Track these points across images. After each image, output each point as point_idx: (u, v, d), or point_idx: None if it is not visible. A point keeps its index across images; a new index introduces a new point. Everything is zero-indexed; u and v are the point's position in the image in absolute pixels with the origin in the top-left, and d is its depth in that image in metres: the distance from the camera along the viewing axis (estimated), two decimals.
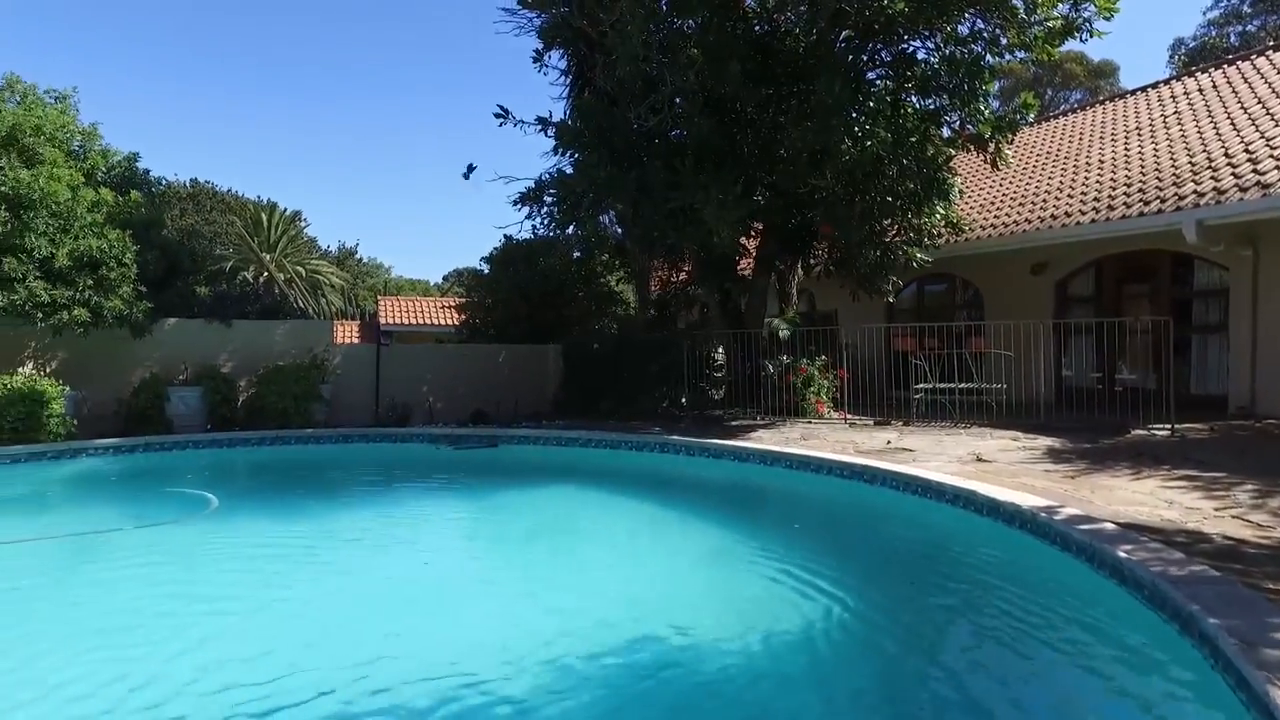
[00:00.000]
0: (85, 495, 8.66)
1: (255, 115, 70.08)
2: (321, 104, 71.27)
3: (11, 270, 10.29)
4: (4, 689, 3.38)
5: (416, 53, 69.17)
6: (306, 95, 70.12)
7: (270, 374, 12.21)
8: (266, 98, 69.28)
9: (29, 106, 11.80)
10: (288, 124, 71.75)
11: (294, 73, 67.52)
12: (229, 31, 61.75)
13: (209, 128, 68.27)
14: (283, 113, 71.11)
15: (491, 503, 8.21)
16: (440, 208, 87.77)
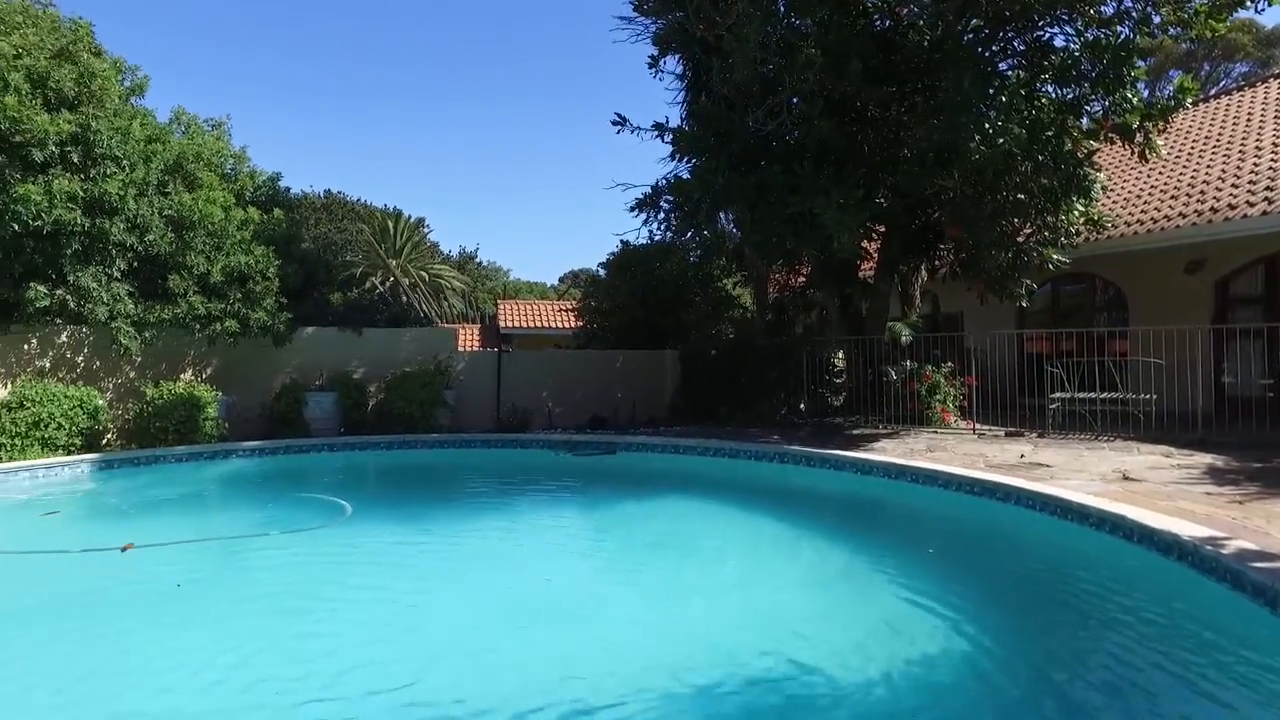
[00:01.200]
0: (235, 495, 9.27)
1: (383, 127, 73.65)
2: (443, 113, 74.14)
3: (175, 286, 11.18)
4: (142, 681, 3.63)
5: (535, 61, 70.90)
6: (430, 105, 73.11)
7: (398, 380, 12.76)
8: (394, 110, 72.67)
9: (191, 135, 12.80)
10: (413, 134, 75.06)
11: (418, 84, 70.53)
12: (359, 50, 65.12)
13: (341, 141, 72.27)
14: (408, 124, 74.43)
15: (610, 514, 8.24)
16: (556, 211, 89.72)
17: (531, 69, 72.21)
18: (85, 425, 10.46)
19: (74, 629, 4.53)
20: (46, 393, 10.30)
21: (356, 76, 68.00)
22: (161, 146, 11.46)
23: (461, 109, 74.63)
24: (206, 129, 13.52)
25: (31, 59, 10.02)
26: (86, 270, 10.45)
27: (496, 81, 72.39)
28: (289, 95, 67.99)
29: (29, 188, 9.61)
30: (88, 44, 11.12)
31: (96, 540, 6.59)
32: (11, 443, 9.93)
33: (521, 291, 48.60)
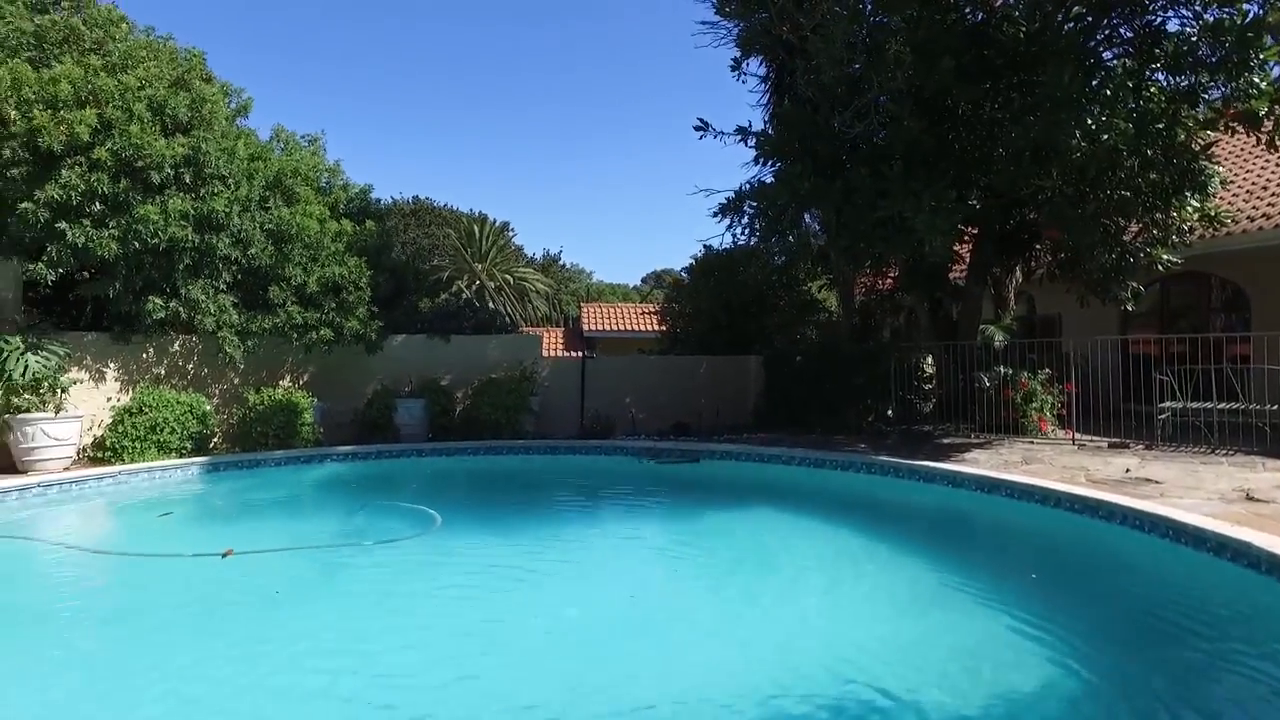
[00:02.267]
0: (330, 500, 9.56)
1: (470, 134, 75.45)
2: (528, 118, 75.43)
3: (275, 297, 11.70)
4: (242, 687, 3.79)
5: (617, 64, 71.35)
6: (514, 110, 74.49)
7: (484, 386, 13.01)
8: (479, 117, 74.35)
9: (290, 152, 13.38)
10: (498, 140, 76.65)
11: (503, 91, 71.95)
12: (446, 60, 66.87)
13: (429, 148, 74.39)
14: (494, 129, 76.02)
15: (693, 526, 8.17)
16: (639, 212, 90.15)
17: (614, 73, 72.73)
18: (195, 429, 11.06)
19: (184, 630, 4.76)
20: (161, 399, 10.94)
21: (444, 86, 69.88)
22: (263, 164, 12.00)
23: (545, 113, 75.78)
24: (303, 145, 14.11)
25: (152, 89, 10.64)
26: (196, 283, 11.03)
27: (578, 85, 73.21)
28: (380, 107, 70.47)
29: (148, 208, 10.21)
30: (200, 71, 11.75)
31: (205, 543, 6.93)
32: (132, 445, 10.58)
33: (604, 293, 48.99)
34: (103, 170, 10.00)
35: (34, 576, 6.30)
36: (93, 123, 9.90)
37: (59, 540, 7.05)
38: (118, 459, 10.50)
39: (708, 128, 12.11)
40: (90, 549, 6.54)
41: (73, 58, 10.65)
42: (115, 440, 10.62)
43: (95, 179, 9.92)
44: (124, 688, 3.96)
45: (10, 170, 9.66)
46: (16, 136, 9.66)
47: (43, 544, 6.99)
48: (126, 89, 10.38)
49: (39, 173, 9.80)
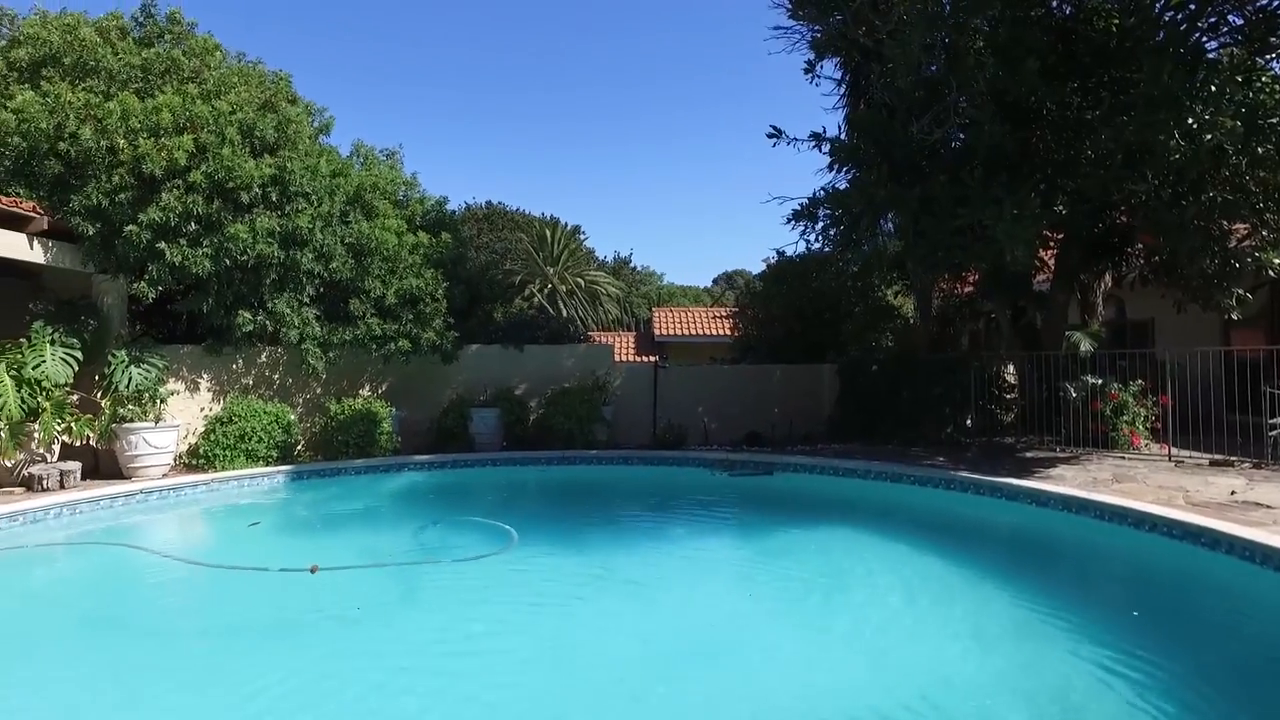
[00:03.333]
0: (408, 512, 9.79)
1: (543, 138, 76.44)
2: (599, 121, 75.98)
3: (355, 309, 12.06)
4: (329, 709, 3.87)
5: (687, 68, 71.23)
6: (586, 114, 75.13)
7: (557, 396, 13.13)
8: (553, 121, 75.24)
9: (369, 166, 13.79)
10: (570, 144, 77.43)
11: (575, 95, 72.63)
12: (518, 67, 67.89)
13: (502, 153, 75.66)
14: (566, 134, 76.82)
15: (767, 545, 8.05)
16: (709, 213, 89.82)
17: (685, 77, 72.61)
18: (280, 438, 11.47)
19: (273, 647, 4.93)
20: (250, 408, 11.39)
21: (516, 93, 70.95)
22: (344, 180, 12.38)
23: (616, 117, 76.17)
24: (382, 159, 14.52)
25: (242, 113, 11.11)
26: (281, 297, 11.46)
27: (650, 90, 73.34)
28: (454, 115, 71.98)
29: (238, 227, 10.67)
30: (286, 93, 12.22)
31: (291, 556, 7.18)
32: (223, 453, 11.05)
33: (675, 296, 48.92)
34: (198, 192, 10.49)
35: (134, 585, 6.63)
36: (189, 148, 10.39)
37: (157, 548, 7.38)
38: (210, 466, 10.99)
39: (781, 134, 11.93)
40: (186, 559, 6.82)
41: (173, 86, 11.21)
42: (208, 448, 11.12)
43: (191, 201, 10.41)
44: (217, 704, 4.11)
45: (119, 195, 10.23)
46: (124, 164, 10.22)
47: (143, 552, 7.35)
48: (220, 114, 10.86)
49: (142, 196, 10.34)
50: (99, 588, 6.66)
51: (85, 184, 10.24)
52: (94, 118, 10.30)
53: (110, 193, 10.21)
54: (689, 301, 47.66)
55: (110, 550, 7.59)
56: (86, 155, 10.20)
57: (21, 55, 11.20)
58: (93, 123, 10.26)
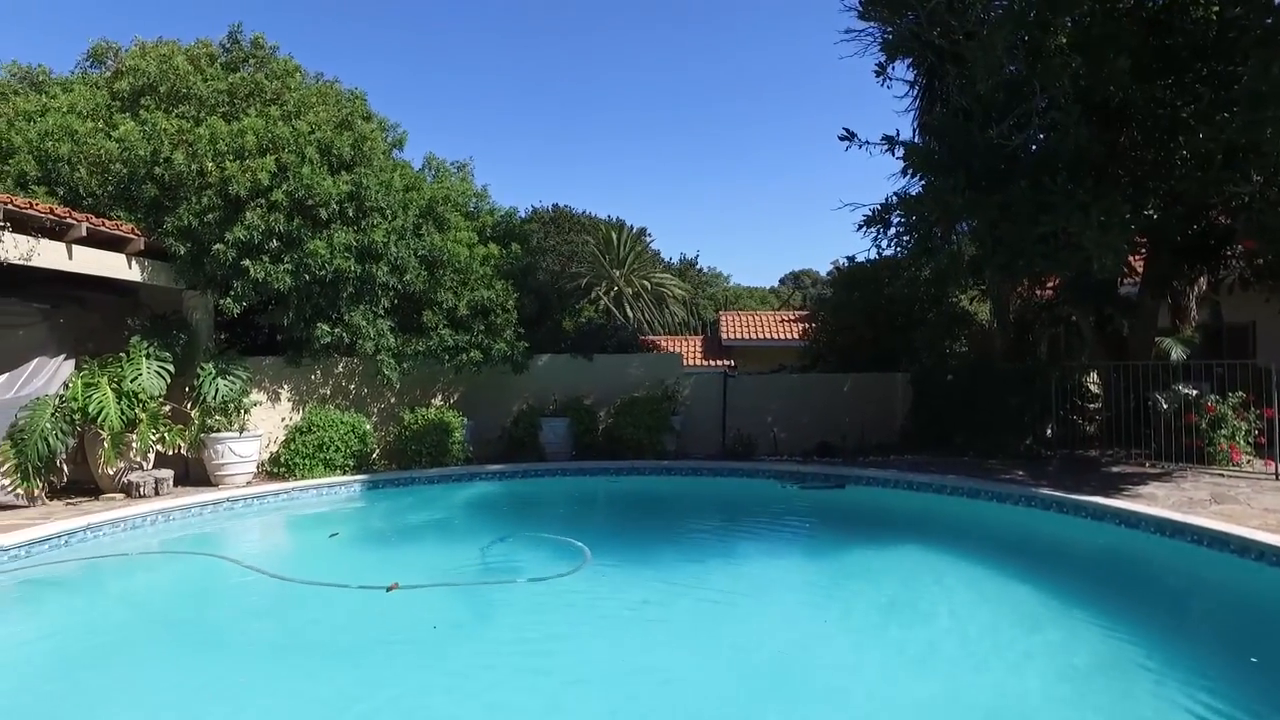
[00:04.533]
0: (482, 524, 9.91)
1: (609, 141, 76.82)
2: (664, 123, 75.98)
3: (428, 321, 12.32)
4: None
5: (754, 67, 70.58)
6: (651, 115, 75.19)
7: (626, 405, 13.16)
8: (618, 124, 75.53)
9: (440, 179, 14.08)
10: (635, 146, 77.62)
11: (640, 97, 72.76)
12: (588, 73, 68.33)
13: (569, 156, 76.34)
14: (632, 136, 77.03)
15: (840, 563, 7.90)
16: (775, 212, 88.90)
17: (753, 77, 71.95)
18: (356, 447, 11.80)
19: (353, 666, 5.04)
20: (328, 418, 11.76)
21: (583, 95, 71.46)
22: (416, 194, 12.66)
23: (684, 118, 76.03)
24: (453, 171, 14.79)
25: (320, 133, 11.48)
26: (357, 309, 11.78)
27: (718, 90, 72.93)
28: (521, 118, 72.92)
29: (317, 243, 11.02)
30: (361, 111, 12.57)
31: (369, 570, 7.37)
32: (303, 462, 11.43)
33: (741, 298, 48.56)
34: (279, 210, 10.87)
35: (221, 598, 6.87)
36: (272, 168, 10.78)
37: (243, 559, 7.66)
38: (290, 475, 11.38)
39: (853, 138, 11.68)
40: (270, 573, 7.05)
41: (256, 109, 11.65)
42: (288, 457, 11.51)
43: (273, 219, 10.79)
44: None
45: (207, 215, 10.70)
46: (213, 185, 10.68)
47: (228, 563, 7.62)
48: (299, 134, 11.23)
49: (228, 216, 10.78)
50: (190, 598, 6.94)
51: (177, 205, 10.73)
52: (186, 143, 10.78)
53: (200, 213, 10.67)
54: (755, 303, 47.23)
55: (200, 560, 7.90)
56: (179, 179, 10.68)
57: (124, 86, 11.81)
58: (184, 148, 10.74)
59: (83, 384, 10.12)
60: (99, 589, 7.33)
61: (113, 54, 12.95)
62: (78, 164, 10.64)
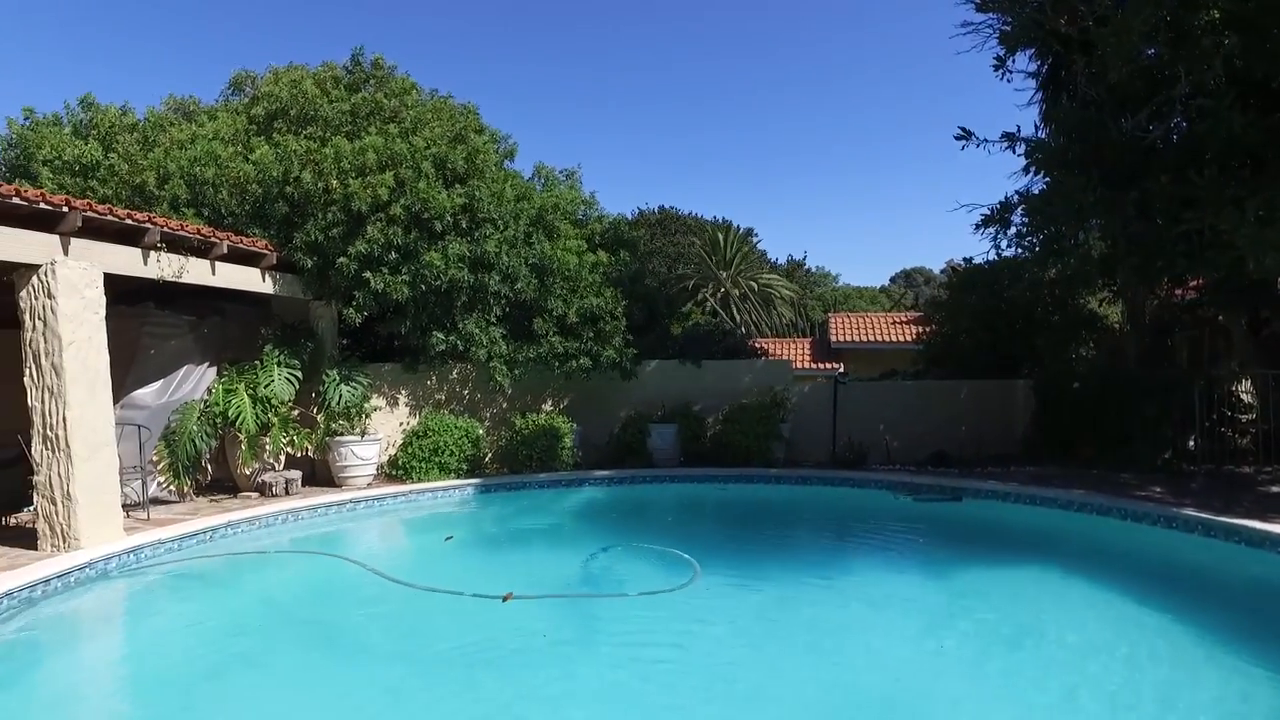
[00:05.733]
0: (591, 531, 10.00)
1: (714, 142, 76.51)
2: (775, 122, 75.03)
3: (539, 328, 12.57)
4: None
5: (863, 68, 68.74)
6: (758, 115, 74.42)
7: (735, 412, 13.02)
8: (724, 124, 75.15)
9: (549, 187, 14.34)
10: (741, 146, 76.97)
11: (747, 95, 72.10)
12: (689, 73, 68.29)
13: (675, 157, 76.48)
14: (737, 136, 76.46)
15: (957, 582, 7.52)
16: (885, 209, 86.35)
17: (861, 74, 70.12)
18: (469, 451, 12.16)
19: (460, 676, 5.17)
20: (443, 423, 12.17)
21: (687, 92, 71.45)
22: (527, 204, 12.92)
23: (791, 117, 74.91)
24: (561, 179, 15.03)
25: (436, 148, 11.90)
26: (471, 318, 12.14)
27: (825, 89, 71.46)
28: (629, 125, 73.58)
29: (432, 255, 11.43)
30: (474, 125, 12.96)
31: (482, 576, 7.58)
32: (419, 465, 11.88)
33: (850, 298, 47.39)
34: (397, 224, 11.33)
35: (343, 600, 7.18)
36: (390, 184, 11.25)
37: (364, 561, 8.00)
38: (407, 477, 11.84)
39: (970, 136, 11.17)
40: (389, 577, 7.34)
41: (376, 127, 12.19)
42: (406, 460, 11.99)
43: (391, 232, 11.26)
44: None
45: (332, 230, 11.28)
46: (337, 202, 11.25)
47: (352, 564, 7.99)
48: (416, 150, 11.67)
49: (351, 230, 11.32)
50: (316, 598, 7.32)
51: (305, 222, 11.36)
52: (313, 162, 11.39)
53: (325, 228, 11.26)
54: (865, 303, 46.01)
55: (326, 561, 8.32)
56: (307, 196, 11.30)
57: (259, 112, 12.63)
58: (312, 167, 11.36)
59: (223, 390, 10.87)
60: (236, 584, 7.86)
61: (250, 82, 13.85)
62: (220, 186, 11.42)
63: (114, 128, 12.52)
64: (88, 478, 7.99)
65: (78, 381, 7.93)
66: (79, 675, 5.66)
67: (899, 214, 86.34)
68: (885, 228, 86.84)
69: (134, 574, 7.71)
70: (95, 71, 53.30)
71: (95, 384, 8.15)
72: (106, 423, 8.33)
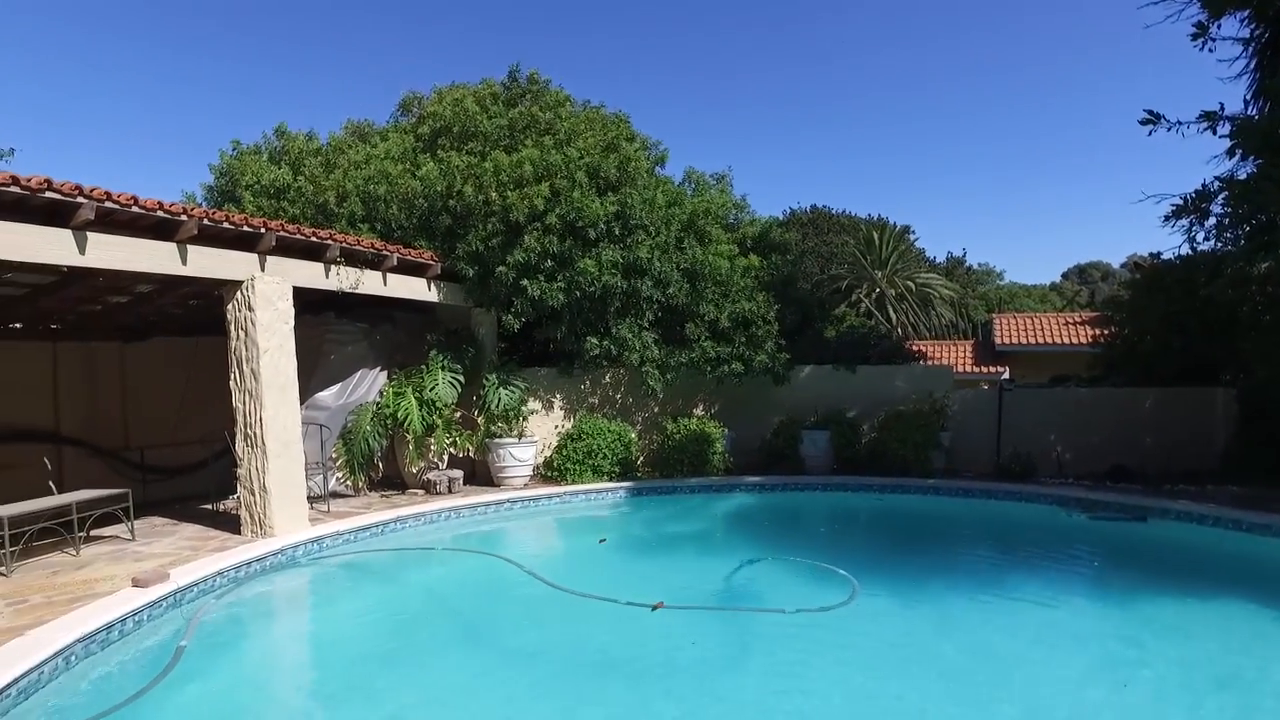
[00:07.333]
0: (743, 539, 9.86)
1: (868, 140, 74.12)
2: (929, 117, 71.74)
3: (691, 333, 12.58)
4: None
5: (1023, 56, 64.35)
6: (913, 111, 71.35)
7: (891, 419, 12.50)
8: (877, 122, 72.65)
9: (700, 192, 14.34)
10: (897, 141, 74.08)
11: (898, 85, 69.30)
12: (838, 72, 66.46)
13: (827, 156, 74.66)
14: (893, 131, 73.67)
15: (1142, 613, 6.75)
16: (1053, 202, 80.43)
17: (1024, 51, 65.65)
18: (621, 455, 12.32)
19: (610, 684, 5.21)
20: (596, 426, 12.40)
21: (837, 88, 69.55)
22: (678, 209, 12.96)
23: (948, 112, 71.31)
24: (711, 183, 14.97)
25: (589, 157, 12.18)
26: (623, 323, 12.30)
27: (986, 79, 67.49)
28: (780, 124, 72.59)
29: (586, 262, 11.70)
30: (625, 133, 13.17)
31: (634, 582, 7.62)
32: (573, 467, 12.16)
33: (1017, 296, 44.43)
34: (553, 233, 11.67)
35: (501, 600, 7.41)
36: (546, 194, 11.61)
37: (520, 561, 8.27)
38: (562, 479, 12.15)
39: (1159, 119, 10.17)
40: (545, 579, 7.53)
41: (532, 140, 12.63)
42: (560, 462, 12.30)
43: (547, 241, 11.61)
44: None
45: (491, 240, 11.78)
46: (496, 213, 11.74)
47: (510, 565, 8.26)
48: (570, 160, 11.99)
49: (509, 240, 11.78)
50: (474, 595, 7.62)
51: (467, 233, 11.93)
52: (474, 176, 11.95)
53: (485, 238, 11.77)
54: (1033, 303, 43.00)
55: (486, 560, 8.67)
56: (468, 209, 11.86)
57: (425, 130, 13.44)
58: (473, 180, 11.91)
59: (393, 393, 11.58)
60: (403, 577, 8.36)
61: (417, 103, 14.73)
62: (390, 202, 12.20)
63: (302, 153, 13.67)
64: (279, 472, 8.75)
65: (271, 385, 8.69)
66: (274, 645, 6.60)
67: (1071, 206, 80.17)
68: (1055, 221, 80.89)
69: (316, 561, 8.37)
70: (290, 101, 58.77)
71: (285, 387, 8.91)
72: (295, 422, 9.08)
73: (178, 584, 6.70)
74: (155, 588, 6.49)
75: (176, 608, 6.57)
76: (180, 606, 6.61)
